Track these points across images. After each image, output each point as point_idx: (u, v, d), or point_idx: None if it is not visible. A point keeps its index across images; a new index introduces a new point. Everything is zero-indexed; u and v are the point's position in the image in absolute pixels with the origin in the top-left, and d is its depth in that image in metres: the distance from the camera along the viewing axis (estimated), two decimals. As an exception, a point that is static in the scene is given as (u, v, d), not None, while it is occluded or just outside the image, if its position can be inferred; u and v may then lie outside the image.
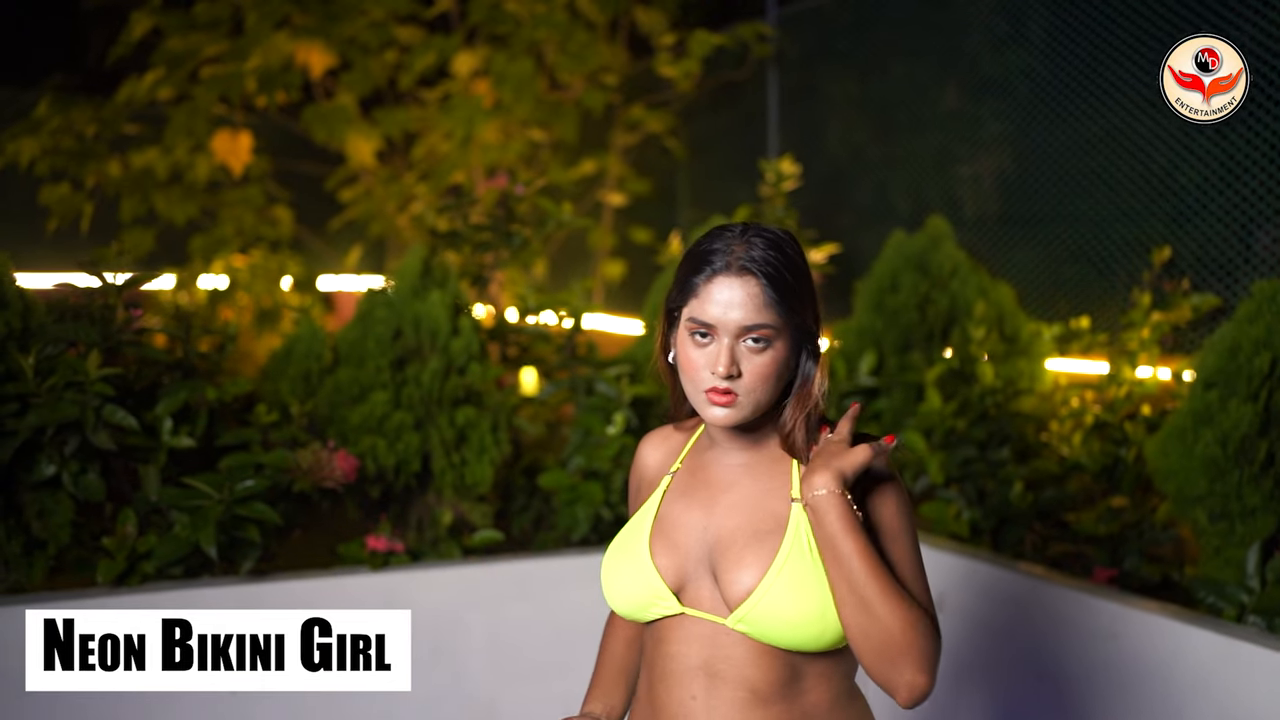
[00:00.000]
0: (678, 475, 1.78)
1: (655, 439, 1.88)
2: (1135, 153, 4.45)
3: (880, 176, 5.57)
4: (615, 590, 1.73)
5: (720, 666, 1.64)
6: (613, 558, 1.77)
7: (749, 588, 1.61)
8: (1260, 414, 2.93)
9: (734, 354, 1.59)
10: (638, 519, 1.78)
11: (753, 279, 1.59)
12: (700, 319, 1.60)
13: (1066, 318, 4.12)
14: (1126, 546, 3.33)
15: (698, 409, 1.66)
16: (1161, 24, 4.23)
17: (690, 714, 1.65)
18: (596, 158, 6.14)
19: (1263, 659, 2.61)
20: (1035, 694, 3.09)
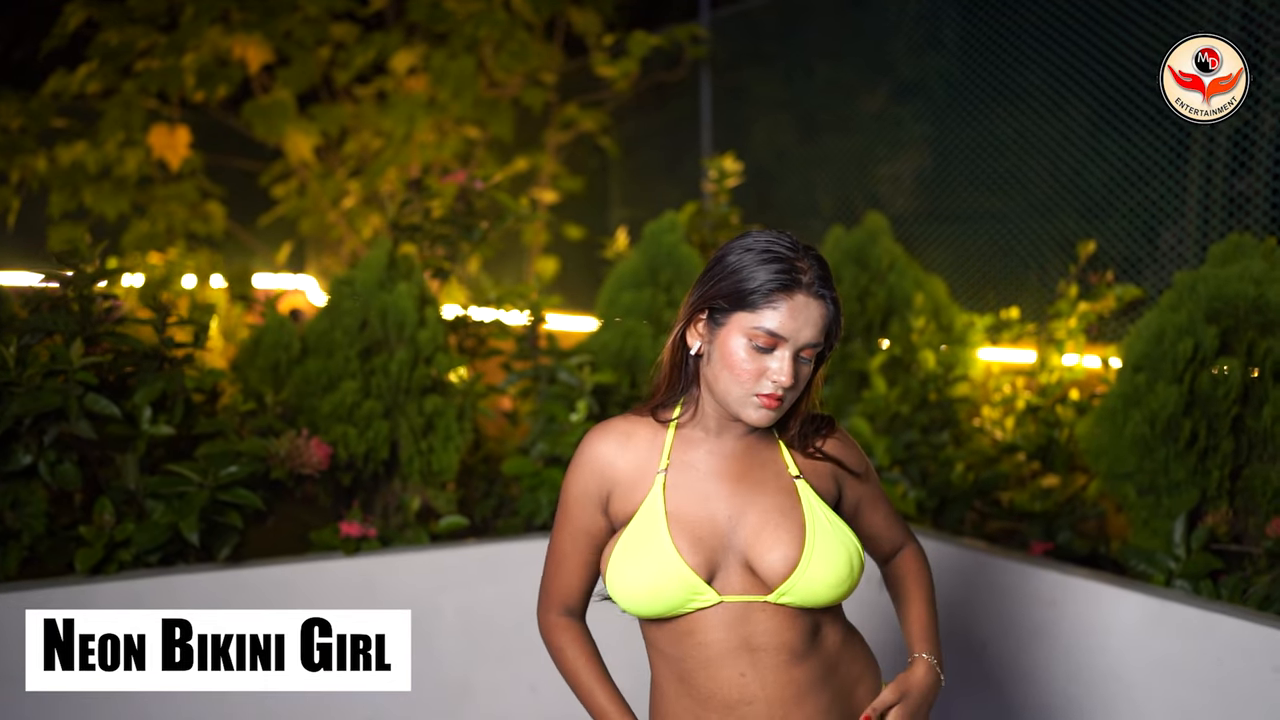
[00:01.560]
0: (670, 473, 1.80)
1: (613, 439, 1.83)
2: (1045, 153, 4.72)
3: (806, 175, 5.77)
4: (644, 594, 1.74)
5: (759, 640, 1.75)
6: (632, 563, 1.75)
7: (790, 563, 1.74)
8: (1184, 395, 3.16)
9: (796, 367, 1.72)
10: (646, 521, 1.77)
11: (824, 303, 1.72)
12: (772, 330, 1.68)
13: (985, 310, 4.37)
14: (1059, 522, 3.56)
15: (736, 408, 1.73)
16: (1066, 29, 4.50)
17: (745, 688, 1.75)
18: (530, 155, 6.24)
19: (1190, 618, 2.84)
20: (981, 661, 3.28)
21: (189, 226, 5.86)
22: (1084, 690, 3.02)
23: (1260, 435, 3.12)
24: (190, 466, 2.90)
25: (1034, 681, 3.14)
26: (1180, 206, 4.34)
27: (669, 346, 1.84)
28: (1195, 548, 3.09)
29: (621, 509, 1.82)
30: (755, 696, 1.75)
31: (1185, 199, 4.31)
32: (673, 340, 1.83)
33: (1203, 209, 4.29)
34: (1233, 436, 3.14)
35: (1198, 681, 2.78)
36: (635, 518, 1.78)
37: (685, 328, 1.81)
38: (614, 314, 3.89)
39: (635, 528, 1.78)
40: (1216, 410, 3.13)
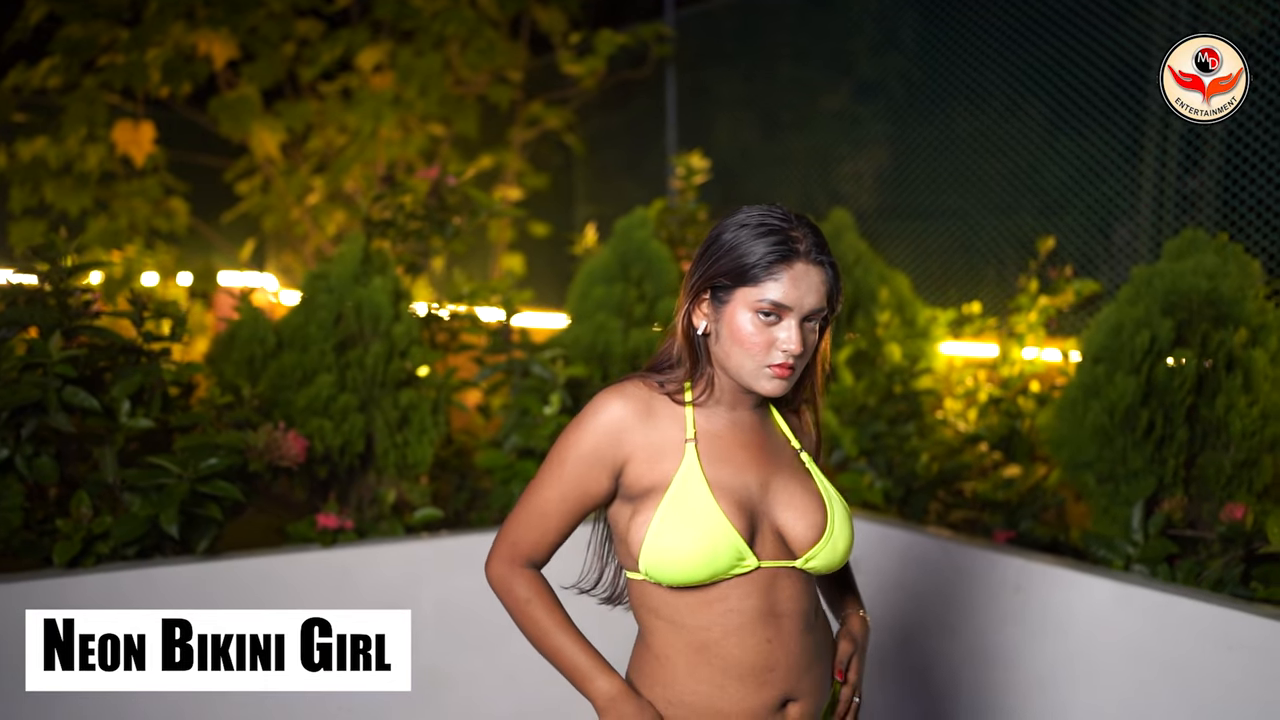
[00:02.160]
0: (701, 445, 1.81)
1: (634, 405, 1.82)
2: (1001, 152, 4.83)
3: (770, 172, 5.85)
4: (696, 560, 1.74)
5: (782, 606, 1.81)
6: (682, 530, 1.75)
7: (819, 530, 1.83)
8: (1142, 386, 3.27)
9: (804, 334, 1.76)
10: (688, 489, 1.77)
11: (823, 269, 1.77)
12: (777, 301, 1.73)
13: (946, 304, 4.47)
14: (1021, 510, 3.66)
15: (750, 380, 1.78)
16: (1023, 31, 4.62)
17: (771, 654, 1.79)
18: (495, 153, 6.27)
19: (1149, 601, 2.94)
20: (949, 646, 3.37)
21: (152, 223, 5.83)
22: (1050, 672, 3.11)
23: (1213, 424, 3.23)
24: (170, 459, 2.91)
25: (1001, 665, 3.23)
26: (1134, 203, 4.46)
27: (680, 329, 1.85)
28: (1152, 533, 3.19)
29: (640, 478, 1.80)
30: (778, 662, 1.80)
31: (1139, 196, 4.44)
32: (682, 324, 1.84)
33: (1156, 206, 4.42)
34: (1188, 426, 3.24)
35: (1157, 661, 2.88)
36: (673, 486, 1.77)
37: (691, 309, 1.84)
38: (585, 309, 3.94)
39: (677, 496, 1.77)
40: (1172, 401, 3.23)
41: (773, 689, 1.80)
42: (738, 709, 1.79)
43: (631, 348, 3.87)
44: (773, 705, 1.81)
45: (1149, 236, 4.42)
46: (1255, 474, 3.19)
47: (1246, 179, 3.90)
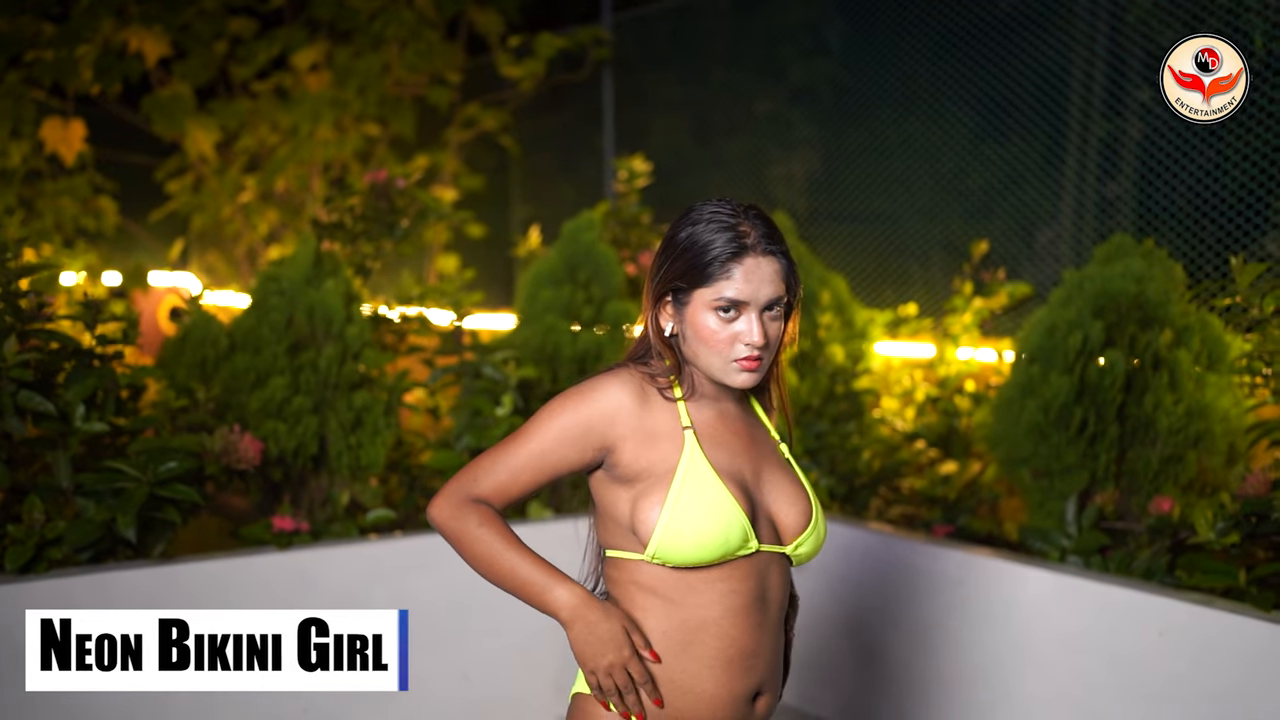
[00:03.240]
0: (699, 432, 1.84)
1: (633, 391, 1.84)
2: (928, 157, 4.98)
3: (705, 175, 5.95)
4: (709, 540, 1.76)
5: (770, 594, 1.85)
6: (695, 512, 1.77)
7: (806, 517, 1.88)
8: (1075, 385, 3.41)
9: (764, 325, 1.78)
10: (695, 474, 1.79)
11: (775, 258, 1.79)
12: (732, 297, 1.75)
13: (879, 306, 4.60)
14: (959, 505, 3.79)
15: (720, 375, 1.80)
16: (946, 40, 4.77)
17: (759, 641, 1.83)
18: (431, 154, 6.27)
19: (1086, 590, 3.08)
20: (894, 637, 3.49)
21: (80, 222, 5.73)
22: (992, 661, 3.24)
23: (1142, 421, 3.39)
24: (128, 462, 2.90)
25: (944, 655, 3.35)
26: (1056, 208, 4.64)
27: (652, 333, 1.87)
28: (1086, 526, 3.34)
29: (635, 460, 1.81)
30: (762, 649, 1.84)
31: (1061, 201, 4.62)
32: (652, 327, 1.88)
33: (1077, 211, 4.60)
34: (1118, 423, 3.40)
35: (1094, 648, 3.02)
36: (681, 471, 1.78)
37: (656, 313, 1.86)
38: (534, 311, 3.98)
39: (688, 480, 1.78)
40: (1104, 399, 3.39)
41: (754, 676, 1.83)
42: (723, 691, 1.80)
43: (580, 349, 3.93)
44: (750, 694, 1.83)
45: (1070, 240, 4.60)
46: (1180, 469, 3.36)
47: (1160, 186, 4.09)
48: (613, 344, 3.98)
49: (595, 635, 1.77)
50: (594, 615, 1.77)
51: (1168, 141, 4.08)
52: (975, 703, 3.28)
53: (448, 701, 3.49)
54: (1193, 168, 3.98)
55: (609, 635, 1.77)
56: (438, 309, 3.87)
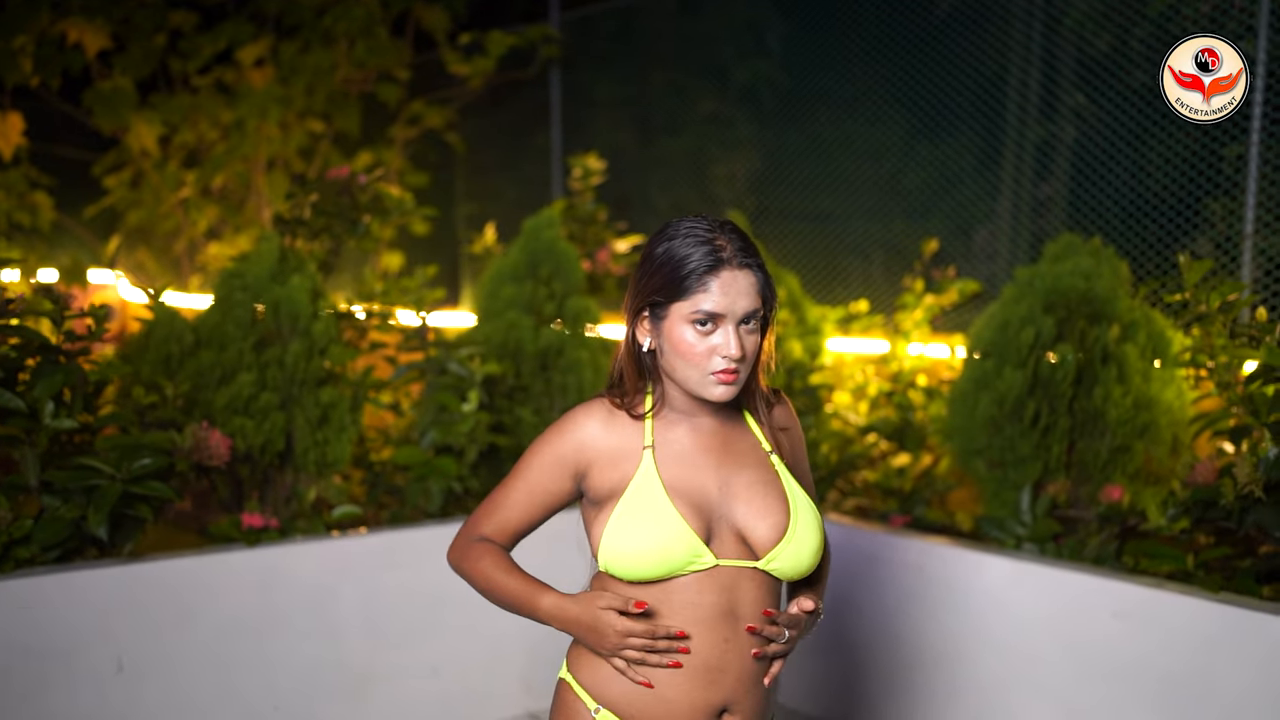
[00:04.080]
0: (657, 449, 1.88)
1: (599, 417, 1.90)
2: (868, 158, 5.10)
3: (650, 174, 6.01)
4: (649, 556, 1.79)
5: (741, 609, 1.84)
6: (636, 528, 1.81)
7: (780, 531, 1.85)
8: (1028, 379, 3.53)
9: (741, 338, 1.81)
10: (644, 489, 1.83)
11: (751, 271, 1.82)
12: (709, 309, 1.78)
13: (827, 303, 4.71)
14: (915, 496, 3.90)
15: (697, 389, 1.83)
16: (882, 44, 4.89)
17: (724, 656, 1.83)
18: (375, 151, 6.24)
19: (1042, 576, 3.20)
20: (857, 625, 3.58)
21: (13, 217, 5.60)
22: (952, 647, 3.34)
23: (1091, 413, 3.52)
24: (101, 460, 2.86)
25: (905, 642, 3.45)
26: (993, 208, 4.78)
27: (625, 348, 1.91)
28: (1039, 514, 3.46)
29: (602, 482, 1.87)
30: (729, 666, 1.84)
31: (998, 201, 4.76)
32: (626, 342, 1.91)
33: (1013, 211, 4.74)
34: (1069, 415, 3.53)
35: (1050, 631, 3.14)
36: (630, 488, 1.83)
37: (634, 328, 1.89)
38: (495, 307, 4.00)
39: (633, 497, 1.83)
40: (1056, 392, 3.51)
41: (718, 691, 1.84)
42: (684, 700, 1.83)
43: (543, 345, 3.96)
44: (714, 708, 1.84)
45: (1008, 239, 4.75)
46: (1128, 459, 3.50)
47: (1090, 186, 4.25)
48: (574, 340, 4.01)
49: (581, 626, 1.81)
50: (571, 610, 1.82)
51: (1096, 144, 4.24)
52: (936, 687, 3.39)
53: (418, 696, 3.50)
54: (1121, 170, 4.14)
55: (590, 620, 1.81)
56: (402, 308, 3.87)
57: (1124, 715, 2.97)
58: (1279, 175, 3.65)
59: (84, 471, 2.87)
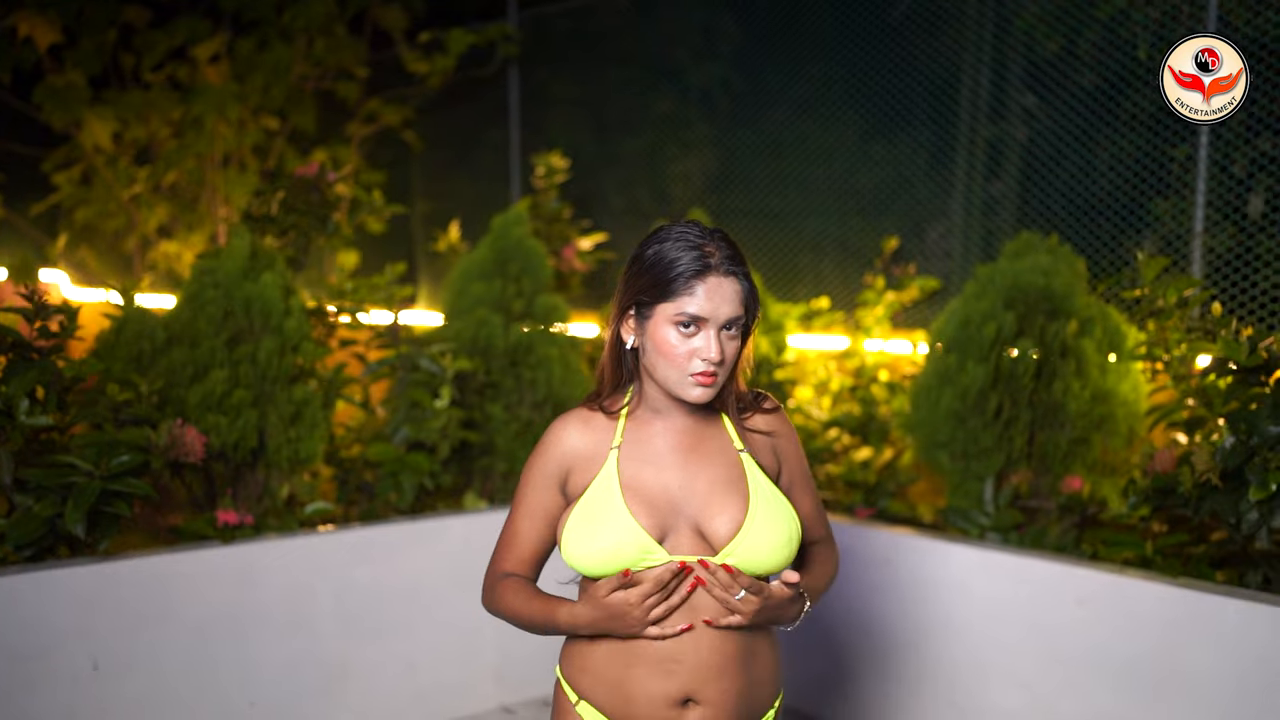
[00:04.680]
0: (624, 449, 1.93)
1: (574, 425, 1.97)
2: (820, 157, 5.19)
3: (604, 173, 6.05)
4: (601, 554, 1.84)
5: (698, 602, 1.87)
6: (586, 525, 1.86)
7: (736, 525, 1.89)
8: (991, 373, 3.63)
9: (722, 343, 1.86)
10: (601, 489, 1.89)
11: (736, 279, 1.87)
12: (693, 313, 1.83)
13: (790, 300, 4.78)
14: (879, 489, 3.98)
15: (676, 389, 1.87)
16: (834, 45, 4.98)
17: (679, 646, 1.87)
18: (330, 148, 6.21)
19: (1008, 564, 3.28)
20: (826, 615, 3.64)
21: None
22: (921, 636, 3.42)
23: (1051, 406, 3.62)
24: (80, 456, 2.85)
25: (874, 632, 3.52)
26: (945, 207, 4.88)
27: (608, 346, 1.97)
28: (1002, 505, 3.56)
29: (577, 484, 1.94)
30: (685, 657, 1.88)
31: (950, 200, 4.86)
32: (610, 340, 1.96)
33: (965, 209, 4.85)
34: (1030, 408, 3.63)
35: (1016, 618, 3.23)
36: (590, 489, 1.91)
37: (619, 326, 1.94)
38: (464, 304, 4.02)
39: (590, 497, 1.89)
40: (1017, 386, 3.61)
41: (674, 681, 1.88)
42: (641, 692, 1.88)
43: (513, 341, 3.98)
44: (674, 698, 1.89)
45: (960, 237, 4.85)
46: (1087, 450, 3.61)
47: (1039, 185, 4.37)
48: (543, 338, 4.04)
49: (600, 622, 1.86)
50: (584, 613, 1.87)
51: (1044, 146, 4.36)
52: (905, 674, 3.46)
53: (394, 690, 3.51)
54: (1070, 169, 4.25)
55: (604, 613, 1.84)
56: (375, 308, 3.88)
57: (1089, 697, 3.06)
58: (1226, 175, 3.78)
59: (61, 469, 2.85)
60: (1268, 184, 3.66)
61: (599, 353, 4.49)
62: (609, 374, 1.97)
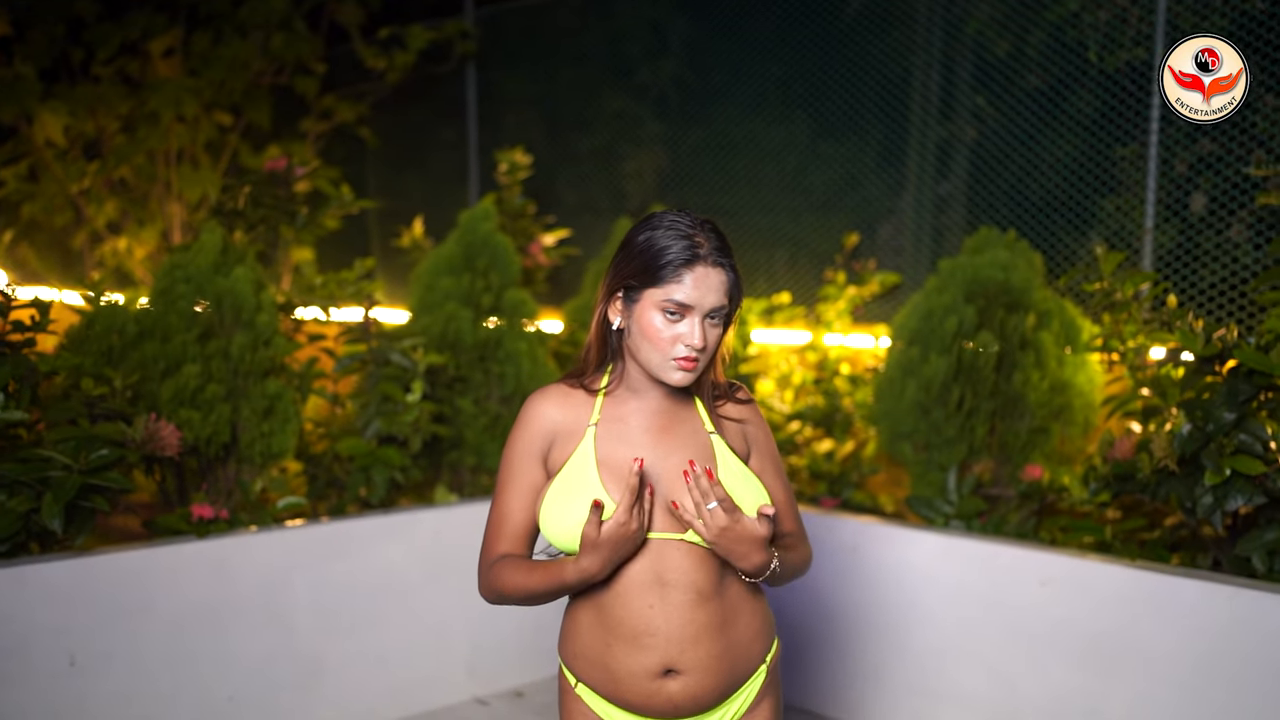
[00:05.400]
0: (600, 426, 1.99)
1: (553, 398, 2.01)
2: (770, 156, 5.27)
3: (558, 170, 6.08)
4: (572, 525, 1.88)
5: (670, 576, 1.93)
6: (561, 499, 1.91)
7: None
8: (953, 365, 3.73)
9: (705, 330, 1.91)
10: (578, 465, 1.94)
11: (723, 270, 1.92)
12: (680, 300, 1.88)
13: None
14: (843, 480, 4.06)
15: (657, 371, 1.92)
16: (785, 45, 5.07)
17: (650, 620, 1.93)
18: (284, 144, 6.17)
19: (971, 548, 3.38)
20: (794, 603, 3.72)
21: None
22: (886, 618, 3.51)
23: (1011, 397, 3.73)
24: (59, 451, 2.83)
25: (842, 617, 3.60)
26: (896, 205, 4.99)
27: (595, 325, 2.01)
28: (965, 493, 3.66)
29: (557, 459, 1.99)
30: (658, 629, 1.93)
31: (901, 198, 4.97)
32: (597, 319, 2.01)
33: (916, 207, 4.96)
34: (991, 399, 3.73)
35: (982, 601, 3.32)
36: (567, 464, 1.95)
37: (606, 307, 1.99)
38: (433, 299, 4.04)
39: (567, 472, 1.94)
40: (978, 377, 3.71)
41: (652, 654, 1.93)
42: (621, 667, 1.94)
43: (482, 336, 4.01)
44: (653, 670, 1.93)
45: (911, 234, 4.96)
46: (1045, 439, 3.72)
47: (988, 184, 4.49)
48: (512, 332, 4.07)
49: (608, 561, 1.87)
50: (590, 563, 1.87)
51: (997, 144, 4.48)
52: (872, 659, 3.55)
53: (367, 683, 3.52)
54: (1017, 168, 4.38)
55: (609, 550, 1.86)
56: (348, 305, 3.88)
57: (1050, 675, 3.17)
58: (1170, 175, 3.92)
59: (39, 463, 2.83)
60: (1210, 183, 3.81)
61: (565, 348, 4.54)
62: (595, 352, 2.01)
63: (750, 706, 2.03)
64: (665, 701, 1.94)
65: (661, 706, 1.94)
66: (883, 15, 4.81)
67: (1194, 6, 3.87)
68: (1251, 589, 2.82)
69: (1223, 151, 3.76)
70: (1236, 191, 3.70)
